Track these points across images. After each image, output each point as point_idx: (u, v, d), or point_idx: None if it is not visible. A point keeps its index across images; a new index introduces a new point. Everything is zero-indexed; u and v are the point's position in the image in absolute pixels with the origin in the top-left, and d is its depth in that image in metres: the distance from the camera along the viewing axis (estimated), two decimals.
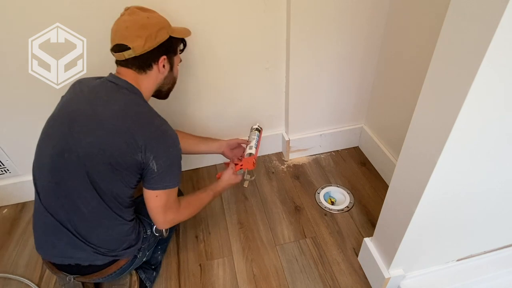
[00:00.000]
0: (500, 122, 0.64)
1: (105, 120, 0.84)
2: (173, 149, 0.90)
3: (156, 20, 0.91)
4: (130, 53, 0.87)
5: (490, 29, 0.49)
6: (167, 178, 0.91)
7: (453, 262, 1.05)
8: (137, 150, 0.84)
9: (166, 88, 1.04)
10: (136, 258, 1.01)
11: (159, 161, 0.86)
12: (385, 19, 1.27)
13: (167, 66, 0.96)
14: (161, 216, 0.95)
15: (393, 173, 0.87)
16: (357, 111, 1.57)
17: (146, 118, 0.88)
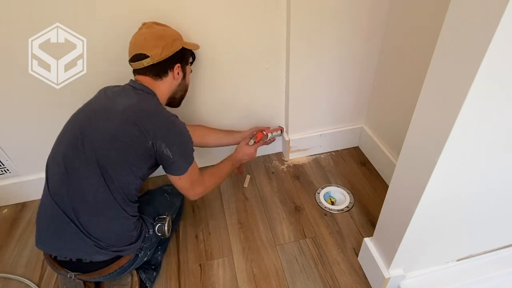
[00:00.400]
0: (500, 121, 0.64)
1: (119, 111, 0.92)
2: (183, 136, 0.98)
3: (171, 32, 1.03)
4: (149, 61, 0.96)
5: (490, 28, 0.49)
6: (185, 162, 0.99)
7: (453, 262, 1.05)
8: (148, 138, 0.91)
9: (179, 95, 1.12)
10: (137, 258, 1.01)
11: (172, 147, 0.94)
12: (385, 19, 1.27)
13: (181, 74, 1.05)
14: (190, 192, 1.06)
15: (393, 173, 0.87)
16: (357, 111, 1.57)
17: (155, 111, 0.96)
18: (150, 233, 1.04)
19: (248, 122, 1.53)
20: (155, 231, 1.05)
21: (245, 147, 1.30)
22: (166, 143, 0.93)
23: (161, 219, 1.07)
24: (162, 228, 1.05)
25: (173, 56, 1.00)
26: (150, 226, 1.05)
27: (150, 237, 1.04)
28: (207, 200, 1.46)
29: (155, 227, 1.05)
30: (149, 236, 1.04)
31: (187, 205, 1.44)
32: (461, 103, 0.57)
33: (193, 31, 1.18)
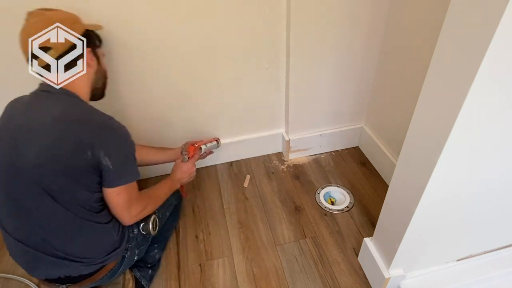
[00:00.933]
0: (501, 121, 0.64)
1: (47, 128, 0.80)
2: (123, 142, 0.87)
3: (66, 15, 0.88)
4: (53, 53, 0.83)
5: (490, 28, 0.49)
6: (125, 173, 0.87)
7: (453, 262, 1.05)
8: (86, 150, 0.79)
9: (100, 83, 0.99)
10: (124, 259, 0.98)
11: (111, 156, 0.82)
12: (385, 18, 1.27)
13: (94, 60, 0.92)
14: (126, 213, 0.91)
15: (393, 173, 0.87)
16: (357, 111, 1.57)
17: (89, 116, 0.84)
18: (135, 232, 1.00)
19: (248, 122, 1.53)
20: (140, 230, 1.01)
21: (181, 165, 1.20)
22: (104, 151, 0.81)
23: (145, 217, 1.02)
24: (147, 227, 1.01)
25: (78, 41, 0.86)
26: (135, 225, 1.00)
27: (135, 236, 1.00)
28: (207, 200, 1.46)
29: (139, 226, 1.01)
30: (134, 236, 1.00)
31: (187, 205, 1.44)
32: (461, 103, 0.57)
33: (192, 31, 1.18)
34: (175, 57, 1.23)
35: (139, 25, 1.12)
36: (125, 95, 1.28)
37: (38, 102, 0.84)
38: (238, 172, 1.59)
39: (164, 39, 1.17)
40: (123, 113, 1.34)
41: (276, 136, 1.62)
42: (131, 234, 1.00)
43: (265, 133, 1.60)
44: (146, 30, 1.14)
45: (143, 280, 1.10)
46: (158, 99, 1.33)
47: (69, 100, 0.85)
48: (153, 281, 1.16)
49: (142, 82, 1.27)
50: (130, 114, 1.35)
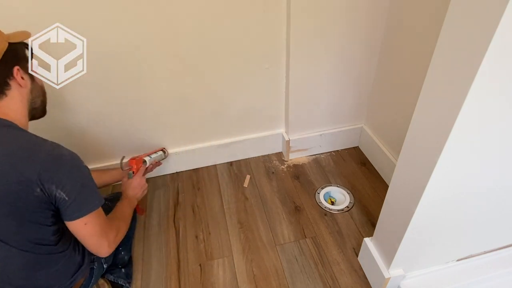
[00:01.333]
0: (501, 121, 0.64)
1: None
2: (76, 170, 0.77)
3: None
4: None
5: (490, 28, 0.49)
6: (86, 201, 0.79)
7: (453, 262, 1.05)
8: (34, 187, 0.71)
9: (39, 101, 0.87)
10: (93, 270, 0.96)
11: (65, 188, 0.74)
12: (385, 18, 1.27)
13: (26, 77, 0.81)
14: (103, 241, 0.84)
15: (393, 173, 0.87)
16: (357, 111, 1.57)
17: (31, 149, 0.74)
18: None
19: (248, 122, 1.53)
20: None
21: (129, 182, 1.15)
22: (56, 184, 0.72)
23: None
24: None
25: (3, 59, 0.74)
26: None
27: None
28: (207, 200, 1.46)
29: None
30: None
31: (187, 205, 1.44)
32: (461, 103, 0.57)
33: (192, 31, 1.18)
34: (175, 57, 1.23)
35: (139, 25, 1.12)
36: (122, 96, 1.28)
37: None
38: (238, 172, 1.59)
39: (163, 39, 1.18)
40: (122, 114, 1.34)
41: (276, 136, 1.62)
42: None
43: (265, 133, 1.60)
44: (146, 30, 1.14)
45: (119, 280, 1.09)
46: (157, 99, 1.33)
47: (3, 131, 0.74)
48: (152, 281, 1.16)
49: (141, 83, 1.27)
50: (129, 115, 1.35)
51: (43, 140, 0.77)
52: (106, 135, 1.36)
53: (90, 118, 1.31)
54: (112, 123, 1.35)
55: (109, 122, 1.34)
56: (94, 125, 1.33)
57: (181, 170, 1.60)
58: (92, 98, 1.25)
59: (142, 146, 1.46)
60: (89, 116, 1.30)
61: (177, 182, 1.56)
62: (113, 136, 1.38)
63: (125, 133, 1.40)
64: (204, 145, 1.55)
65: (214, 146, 1.56)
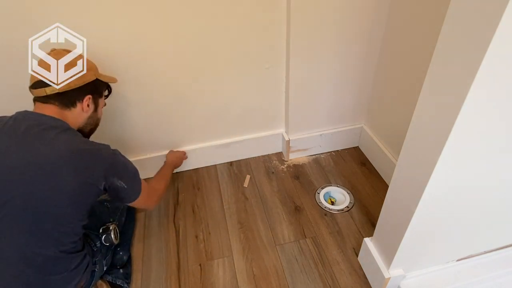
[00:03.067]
0: (501, 121, 0.64)
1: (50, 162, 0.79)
2: (128, 162, 0.96)
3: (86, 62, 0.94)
4: (53, 89, 0.87)
5: (490, 28, 0.49)
6: (137, 185, 0.98)
7: (453, 262, 1.05)
8: (100, 182, 0.85)
9: (88, 129, 1.01)
10: (95, 273, 0.99)
11: (123, 178, 0.91)
12: (386, 18, 1.27)
13: (91, 106, 0.97)
14: (148, 203, 1.07)
15: (393, 173, 0.87)
16: (357, 111, 1.57)
17: (93, 149, 0.87)
18: (98, 245, 1.02)
19: (248, 122, 1.53)
20: (102, 243, 1.03)
21: (172, 152, 1.45)
22: (118, 177, 0.89)
23: (105, 229, 1.05)
24: (109, 238, 1.04)
25: (84, 86, 0.92)
26: (96, 239, 1.03)
27: (98, 249, 1.02)
28: (207, 200, 1.46)
29: (101, 239, 1.03)
30: (98, 249, 1.02)
31: (187, 205, 1.44)
32: (461, 103, 0.57)
33: (192, 31, 1.18)
34: (175, 57, 1.23)
35: (139, 25, 1.12)
36: (124, 95, 1.28)
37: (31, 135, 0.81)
38: (238, 172, 1.59)
39: (163, 39, 1.18)
40: (123, 114, 1.34)
41: (276, 136, 1.62)
42: (95, 248, 1.01)
43: (265, 133, 1.60)
44: (146, 30, 1.14)
45: (117, 280, 1.10)
46: (157, 99, 1.33)
47: (68, 134, 0.86)
48: (152, 281, 1.16)
49: (141, 83, 1.27)
50: (129, 115, 1.35)
51: (97, 143, 0.91)
52: (106, 135, 1.36)
53: None
54: (112, 123, 1.35)
55: (109, 122, 1.34)
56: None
57: (181, 170, 1.60)
58: None
59: (142, 145, 1.47)
60: None
61: (177, 182, 1.56)
62: (113, 136, 1.38)
63: (125, 133, 1.40)
64: (204, 145, 1.55)
65: (214, 146, 1.56)
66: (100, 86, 1.00)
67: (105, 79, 1.01)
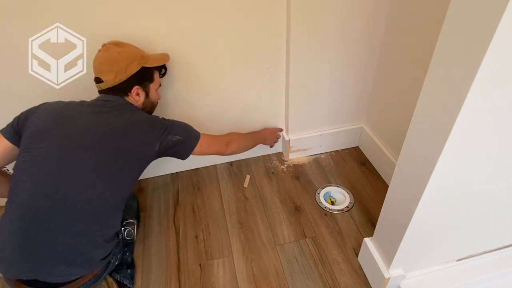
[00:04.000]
0: (501, 122, 0.64)
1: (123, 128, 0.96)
2: (174, 121, 1.08)
3: (127, 54, 1.01)
4: (104, 85, 0.99)
5: (491, 27, 0.49)
6: (191, 135, 1.10)
7: (453, 262, 1.05)
8: (155, 144, 0.99)
9: (146, 110, 1.12)
10: (110, 263, 1.01)
11: (178, 133, 1.04)
12: (386, 19, 1.27)
13: (142, 94, 1.06)
14: (221, 147, 1.22)
15: (393, 173, 0.87)
16: (357, 111, 1.57)
17: (148, 121, 1.02)
18: (120, 237, 1.05)
19: (248, 122, 1.53)
20: (124, 236, 1.06)
21: (268, 128, 1.52)
22: (172, 134, 1.02)
23: (129, 223, 1.08)
24: (132, 232, 1.07)
25: (129, 79, 1.00)
26: (120, 231, 1.06)
27: (119, 241, 1.05)
28: (207, 200, 1.46)
29: (124, 232, 1.06)
30: (119, 241, 1.05)
31: (187, 205, 1.44)
32: (462, 103, 0.57)
33: (192, 30, 1.18)
34: (175, 57, 1.23)
35: (139, 25, 1.12)
36: None
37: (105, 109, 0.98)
38: (238, 172, 1.59)
39: (163, 39, 1.18)
40: None
41: None
42: (117, 239, 1.03)
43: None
44: (146, 30, 1.14)
45: (124, 280, 1.11)
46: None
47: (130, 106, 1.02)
48: (152, 281, 1.16)
49: None
50: None
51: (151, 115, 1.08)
52: None
53: None
54: None
55: None
56: None
57: (181, 170, 1.60)
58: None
59: None
60: None
61: (177, 182, 1.56)
62: None
63: None
64: None
65: None
66: (148, 72, 1.06)
67: (153, 63, 1.07)
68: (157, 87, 1.12)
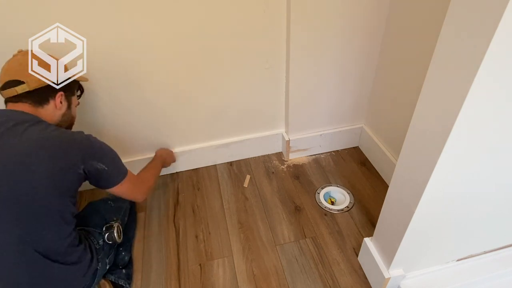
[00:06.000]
0: (500, 122, 0.64)
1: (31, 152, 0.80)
2: (104, 145, 0.96)
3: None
4: (24, 87, 0.86)
5: (491, 27, 0.49)
6: (119, 170, 0.97)
7: (453, 262, 1.05)
8: (78, 166, 0.86)
9: (64, 126, 1.01)
10: (97, 271, 0.99)
11: (103, 159, 0.91)
12: (386, 18, 1.27)
13: (64, 103, 0.97)
14: (136, 192, 1.06)
15: (393, 173, 0.87)
16: (357, 111, 1.57)
17: (68, 137, 0.88)
18: (100, 243, 1.02)
19: (248, 122, 1.53)
20: (105, 241, 1.03)
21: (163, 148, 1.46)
22: (96, 159, 0.89)
23: (108, 227, 1.05)
24: (112, 236, 1.04)
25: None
26: (99, 236, 1.03)
27: (101, 247, 1.02)
28: (207, 200, 1.46)
29: (104, 236, 1.03)
30: (100, 247, 1.02)
31: (187, 205, 1.44)
32: (461, 102, 0.57)
33: (192, 30, 1.18)
34: (175, 57, 1.23)
35: (139, 25, 1.12)
36: (125, 96, 1.28)
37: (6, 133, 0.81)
38: (238, 172, 1.59)
39: (163, 40, 1.17)
40: (122, 114, 1.34)
41: (276, 136, 1.62)
42: (97, 246, 1.01)
43: (265, 133, 1.60)
44: (146, 30, 1.14)
45: (119, 280, 1.11)
46: (157, 99, 1.33)
47: (41, 125, 0.86)
48: (152, 281, 1.16)
49: (142, 83, 1.27)
50: (130, 115, 1.35)
51: (66, 129, 0.94)
52: (104, 135, 1.36)
53: (92, 120, 1.31)
54: (111, 123, 1.35)
55: (109, 122, 1.34)
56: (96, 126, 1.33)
57: (181, 170, 1.60)
58: (93, 98, 1.25)
59: (141, 146, 1.47)
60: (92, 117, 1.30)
61: (177, 182, 1.56)
62: (111, 136, 1.38)
63: (125, 134, 1.40)
64: (204, 145, 1.55)
65: (214, 146, 1.56)
66: (72, 84, 0.99)
67: (78, 78, 1.01)
68: (76, 103, 1.05)
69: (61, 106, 0.95)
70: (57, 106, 0.94)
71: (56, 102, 0.93)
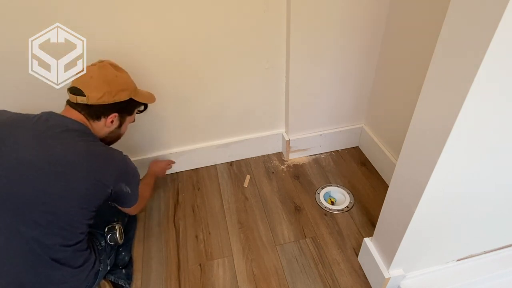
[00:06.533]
0: (501, 121, 0.64)
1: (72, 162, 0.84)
2: (135, 171, 1.01)
3: (123, 80, 0.98)
4: (83, 100, 0.91)
5: (490, 28, 0.49)
6: (137, 190, 1.04)
7: (453, 262, 1.05)
8: (108, 187, 0.89)
9: (107, 141, 1.05)
10: (99, 272, 0.99)
11: (130, 184, 0.98)
12: (386, 18, 1.27)
13: (115, 123, 1.00)
14: (136, 211, 1.14)
15: (393, 173, 0.87)
16: (357, 111, 1.57)
17: (110, 155, 0.93)
18: (103, 245, 1.02)
19: (248, 122, 1.53)
20: (107, 242, 1.04)
21: (155, 161, 1.44)
22: (126, 183, 0.95)
23: (110, 228, 1.05)
24: (114, 237, 1.05)
25: (113, 104, 0.95)
26: (101, 238, 1.03)
27: (103, 248, 1.02)
28: (207, 200, 1.46)
29: (106, 238, 1.04)
30: (102, 248, 1.02)
31: (187, 205, 1.44)
32: (461, 103, 0.57)
33: (192, 30, 1.18)
34: (175, 57, 1.23)
35: (139, 25, 1.12)
36: None
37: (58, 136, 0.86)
38: (238, 172, 1.59)
39: (163, 40, 1.18)
40: None
41: (276, 136, 1.62)
42: (99, 247, 1.01)
43: (265, 133, 1.60)
44: (146, 31, 1.14)
45: (119, 280, 1.11)
46: (157, 99, 1.33)
47: (86, 138, 0.91)
48: (152, 281, 1.16)
49: (142, 83, 1.27)
50: None
51: (112, 148, 0.97)
52: None
53: None
54: None
55: None
56: None
57: (181, 170, 1.60)
58: None
59: (143, 146, 1.47)
60: None
61: (177, 182, 1.56)
62: None
63: (125, 133, 1.40)
64: (204, 145, 1.55)
65: (214, 146, 1.56)
66: (132, 105, 1.03)
67: (141, 99, 1.03)
68: (131, 121, 1.09)
69: (111, 125, 0.98)
70: (106, 124, 0.97)
71: (107, 121, 0.97)
